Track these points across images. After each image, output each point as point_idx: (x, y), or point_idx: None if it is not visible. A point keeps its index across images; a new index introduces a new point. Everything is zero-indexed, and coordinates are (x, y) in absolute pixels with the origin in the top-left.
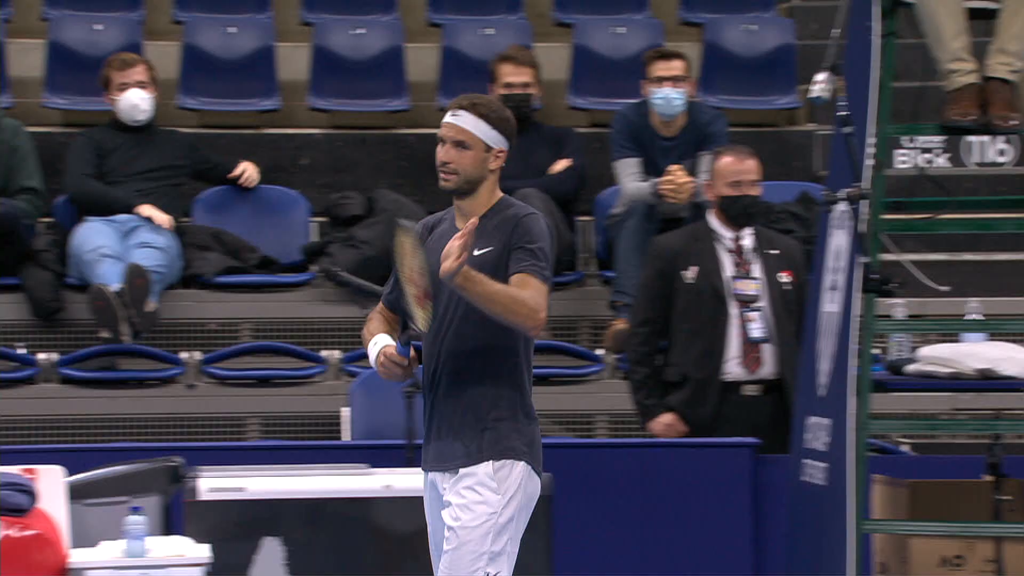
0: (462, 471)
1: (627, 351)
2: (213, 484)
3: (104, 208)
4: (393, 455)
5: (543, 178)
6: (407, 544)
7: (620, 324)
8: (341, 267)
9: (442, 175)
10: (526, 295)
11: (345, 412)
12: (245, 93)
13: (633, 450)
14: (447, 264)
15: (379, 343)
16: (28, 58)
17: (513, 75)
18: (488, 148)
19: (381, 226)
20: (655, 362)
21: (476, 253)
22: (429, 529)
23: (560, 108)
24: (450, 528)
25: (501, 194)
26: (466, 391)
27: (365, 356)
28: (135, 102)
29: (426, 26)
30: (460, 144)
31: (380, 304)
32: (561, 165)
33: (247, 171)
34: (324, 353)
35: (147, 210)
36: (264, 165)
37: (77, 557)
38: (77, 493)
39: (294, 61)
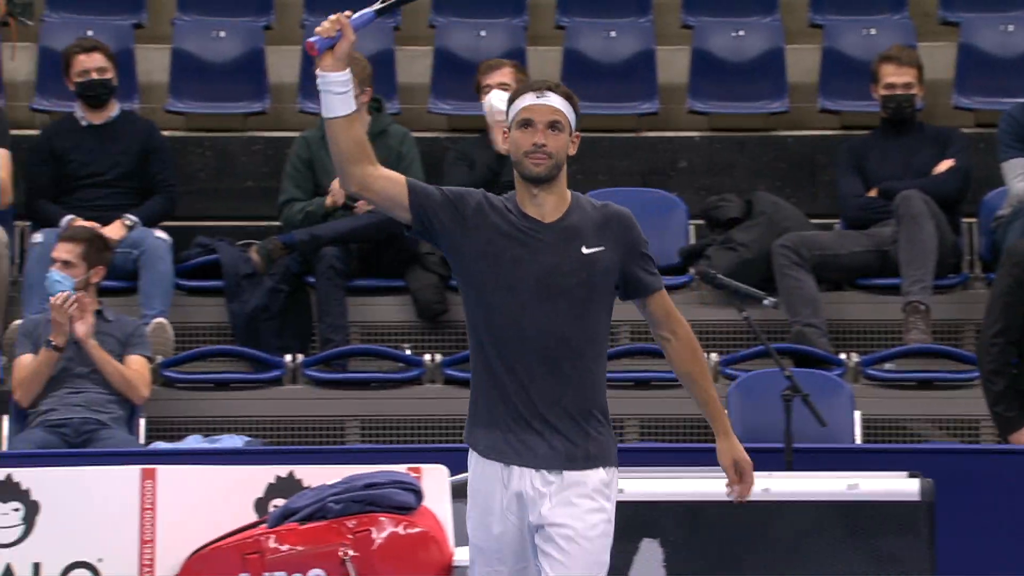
0: (570, 475)
1: (984, 361)
2: None
3: None
4: (771, 458)
5: (926, 179)
6: (787, 548)
7: None
8: (719, 270)
9: (533, 159)
10: (699, 353)
11: None
12: (624, 97)
13: (1022, 456)
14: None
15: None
16: (415, 65)
17: (895, 75)
18: (571, 131)
19: (759, 228)
20: (1013, 372)
21: (585, 251)
22: (487, 527)
23: (944, 108)
24: (566, 537)
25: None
26: (564, 385)
27: (744, 359)
28: (492, 103)
29: (807, 27)
30: (554, 125)
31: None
32: (945, 166)
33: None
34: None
35: None
36: (642, 168)
37: (461, 555)
38: (460, 492)
39: (673, 64)
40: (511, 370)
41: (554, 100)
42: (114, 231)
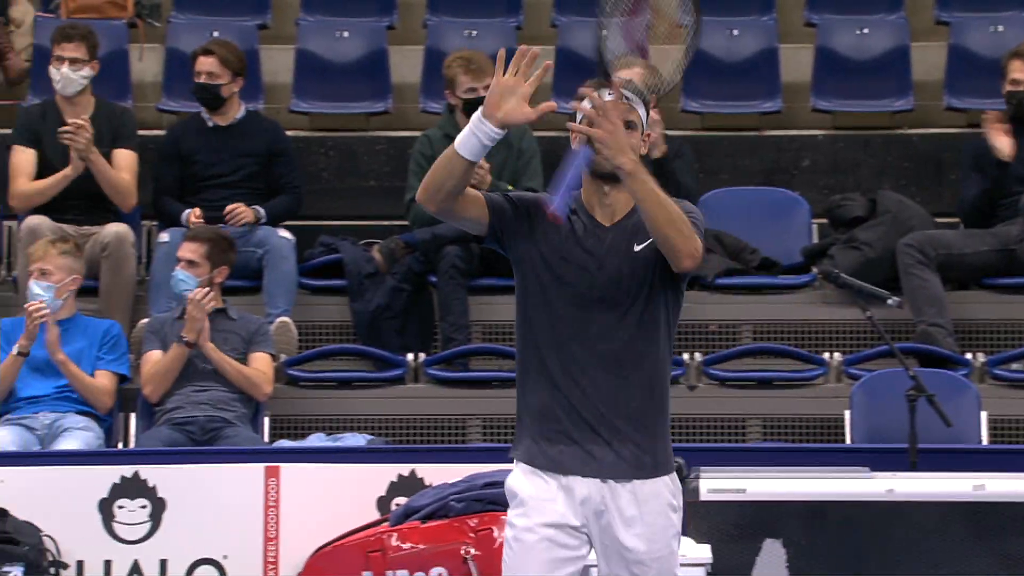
0: (640, 487)
1: None
2: (714, 485)
3: None
4: (895, 459)
5: None
6: (911, 549)
7: None
8: (842, 269)
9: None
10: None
11: (846, 415)
12: (747, 95)
13: None
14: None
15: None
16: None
17: (1021, 71)
18: (643, 131)
19: (884, 227)
20: None
21: (636, 249)
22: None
23: None
24: (639, 563)
25: None
26: (628, 390)
27: (868, 359)
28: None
29: (933, 24)
30: (628, 123)
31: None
32: None
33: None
34: (825, 355)
35: None
36: (765, 167)
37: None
38: None
39: (797, 62)
40: (574, 378)
41: (630, 99)
42: (246, 213)
